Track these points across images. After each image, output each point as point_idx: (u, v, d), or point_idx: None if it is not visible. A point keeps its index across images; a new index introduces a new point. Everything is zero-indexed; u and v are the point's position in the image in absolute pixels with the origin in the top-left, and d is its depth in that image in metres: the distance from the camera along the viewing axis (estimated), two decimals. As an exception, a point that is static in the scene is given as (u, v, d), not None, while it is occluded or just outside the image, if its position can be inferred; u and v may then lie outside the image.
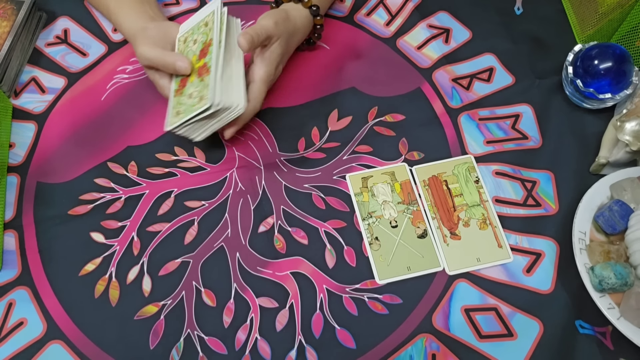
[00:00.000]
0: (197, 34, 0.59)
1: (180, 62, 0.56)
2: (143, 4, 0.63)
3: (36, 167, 0.61)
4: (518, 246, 0.57)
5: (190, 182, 0.60)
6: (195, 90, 0.55)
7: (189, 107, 0.54)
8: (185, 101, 0.55)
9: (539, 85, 0.67)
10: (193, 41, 0.59)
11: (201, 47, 0.57)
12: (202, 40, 0.58)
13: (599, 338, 0.52)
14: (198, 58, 0.57)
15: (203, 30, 0.58)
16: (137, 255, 0.56)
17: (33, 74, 0.68)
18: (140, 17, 0.62)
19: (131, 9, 0.63)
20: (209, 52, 0.56)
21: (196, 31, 0.59)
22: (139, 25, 0.60)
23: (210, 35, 0.57)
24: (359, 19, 0.73)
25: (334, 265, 0.56)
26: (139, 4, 0.63)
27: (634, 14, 0.61)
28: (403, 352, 0.52)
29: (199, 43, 0.58)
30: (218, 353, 0.52)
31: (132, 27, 0.61)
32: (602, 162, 0.59)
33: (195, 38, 0.59)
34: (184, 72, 0.56)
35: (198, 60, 0.57)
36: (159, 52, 0.57)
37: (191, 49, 0.58)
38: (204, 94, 0.53)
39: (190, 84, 0.56)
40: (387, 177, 0.61)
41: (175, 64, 0.56)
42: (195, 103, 0.54)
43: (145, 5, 0.64)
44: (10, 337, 0.52)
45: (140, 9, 0.63)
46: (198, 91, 0.54)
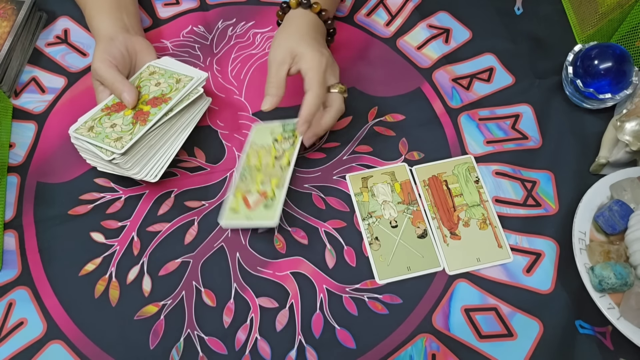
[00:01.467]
0: (165, 79, 0.58)
1: (127, 94, 0.55)
2: (120, 12, 0.62)
3: (36, 167, 0.61)
4: (518, 246, 0.57)
5: (190, 182, 0.60)
6: (121, 127, 0.54)
7: (103, 134, 0.54)
8: (105, 125, 0.55)
9: (539, 85, 0.67)
10: (157, 82, 0.58)
11: (157, 95, 0.56)
12: (162, 90, 0.57)
13: (599, 338, 0.52)
14: (147, 102, 0.56)
15: (172, 83, 0.57)
16: (137, 255, 0.56)
17: (33, 74, 0.68)
18: (114, 24, 0.60)
19: (106, 13, 0.61)
20: (159, 108, 0.55)
21: (166, 78, 0.58)
22: (107, 33, 0.59)
23: (172, 95, 0.56)
24: (359, 19, 0.73)
25: (334, 265, 0.56)
26: (116, 10, 0.62)
27: (634, 14, 0.61)
28: (403, 352, 0.52)
29: (159, 90, 0.57)
30: (218, 353, 0.52)
31: (101, 32, 0.60)
32: (602, 162, 0.59)
33: (160, 81, 0.58)
34: (127, 105, 0.55)
35: (145, 103, 0.56)
36: (111, 75, 0.56)
37: (149, 86, 0.58)
38: (124, 139, 0.52)
39: (123, 116, 0.55)
40: (387, 177, 0.61)
41: (122, 94, 0.55)
42: (110, 137, 0.53)
43: (123, 14, 0.62)
44: (10, 337, 0.52)
45: (116, 16, 0.61)
46: (122, 130, 0.53)
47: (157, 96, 0.56)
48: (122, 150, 0.52)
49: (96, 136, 0.54)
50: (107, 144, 0.53)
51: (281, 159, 0.57)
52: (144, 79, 0.59)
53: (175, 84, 0.57)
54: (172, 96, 0.56)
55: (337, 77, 0.59)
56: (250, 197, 0.55)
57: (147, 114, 0.54)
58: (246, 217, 0.54)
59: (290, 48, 0.56)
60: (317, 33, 0.60)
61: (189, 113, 0.58)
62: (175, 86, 0.57)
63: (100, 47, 0.58)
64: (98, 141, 0.53)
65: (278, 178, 0.56)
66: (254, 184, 0.56)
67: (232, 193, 0.57)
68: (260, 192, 0.55)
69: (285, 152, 0.57)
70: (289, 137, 0.58)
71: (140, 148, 0.54)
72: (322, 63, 0.56)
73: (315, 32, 0.60)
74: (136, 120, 0.54)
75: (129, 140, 0.52)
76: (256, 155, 0.59)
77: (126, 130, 0.53)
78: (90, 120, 0.56)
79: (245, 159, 0.59)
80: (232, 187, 0.57)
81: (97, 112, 0.57)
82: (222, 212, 0.56)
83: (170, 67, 0.60)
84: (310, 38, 0.58)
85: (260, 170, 0.57)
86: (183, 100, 0.56)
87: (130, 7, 0.64)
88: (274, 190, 0.55)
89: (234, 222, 0.55)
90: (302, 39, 0.57)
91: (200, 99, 0.59)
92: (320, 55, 0.56)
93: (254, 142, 0.60)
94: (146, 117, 0.54)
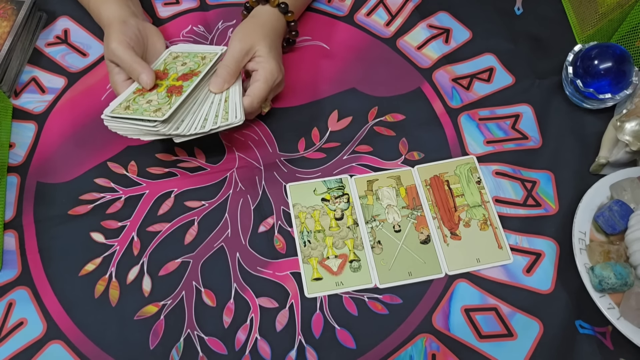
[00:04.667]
0: (190, 59, 0.59)
1: (144, 76, 0.55)
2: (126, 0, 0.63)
3: (36, 167, 0.61)
4: (518, 246, 0.57)
5: (190, 182, 0.60)
6: (157, 101, 0.54)
7: (140, 109, 0.54)
8: (140, 102, 0.55)
9: (539, 85, 0.67)
10: (182, 63, 0.59)
11: (186, 72, 0.57)
12: (191, 67, 0.58)
13: (599, 338, 0.52)
14: (177, 78, 0.57)
15: (198, 61, 0.58)
16: (137, 255, 0.56)
17: (33, 74, 0.68)
18: (122, 8, 0.61)
19: (113, 0, 0.61)
20: (191, 80, 0.56)
21: (191, 57, 0.59)
22: (119, 16, 0.59)
23: (201, 69, 0.57)
24: (359, 19, 0.73)
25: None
26: None
27: (634, 14, 0.61)
28: (403, 352, 0.52)
29: (187, 67, 0.58)
30: (218, 353, 0.52)
31: (111, 16, 0.60)
32: (602, 162, 0.59)
33: (185, 61, 0.59)
34: (144, 86, 0.56)
35: (176, 80, 0.56)
36: (130, 56, 0.56)
37: (176, 67, 0.58)
38: (163, 109, 0.53)
39: (156, 93, 0.56)
40: (393, 181, 0.60)
41: (140, 75, 0.55)
42: (150, 110, 0.53)
43: (129, 1, 0.63)
44: (10, 337, 0.52)
45: (124, 2, 0.62)
46: (159, 103, 0.54)
47: (186, 73, 0.57)
48: (164, 117, 0.52)
49: (134, 112, 0.54)
50: (147, 116, 0.53)
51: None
52: (169, 63, 0.60)
53: (201, 60, 0.58)
54: (202, 70, 0.57)
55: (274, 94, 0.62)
56: (330, 262, 0.56)
57: (181, 87, 0.55)
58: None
59: (253, 44, 0.58)
60: (276, 35, 0.62)
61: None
62: (202, 62, 0.58)
63: (116, 29, 0.58)
64: (139, 115, 0.53)
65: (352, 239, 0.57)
66: (327, 249, 0.56)
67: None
68: (338, 256, 0.56)
69: (344, 211, 0.58)
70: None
71: (180, 113, 0.54)
72: (274, 76, 0.58)
73: (274, 34, 0.61)
74: (171, 93, 0.55)
75: (168, 109, 0.53)
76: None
77: (163, 102, 0.54)
78: (124, 102, 0.56)
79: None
80: (301, 255, 0.56)
81: (129, 94, 0.57)
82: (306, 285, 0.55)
83: (191, 49, 0.61)
84: (272, 41, 0.60)
85: (324, 232, 0.57)
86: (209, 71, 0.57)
87: None
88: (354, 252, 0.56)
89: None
90: (264, 39, 0.59)
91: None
92: (274, 68, 0.58)
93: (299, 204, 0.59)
94: (180, 89, 0.55)
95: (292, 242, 0.57)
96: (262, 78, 0.57)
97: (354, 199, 0.59)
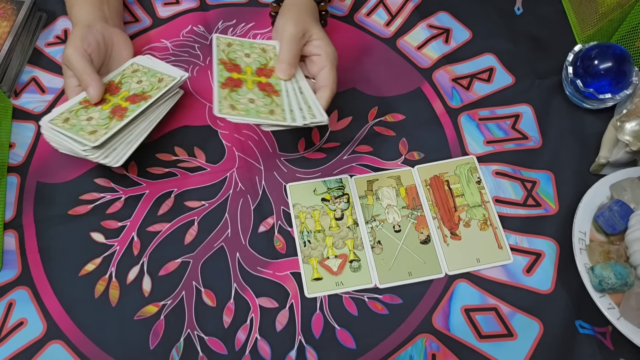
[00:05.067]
0: (147, 78, 0.57)
1: (91, 89, 0.54)
2: (102, 3, 0.61)
3: (36, 167, 0.61)
4: (518, 246, 0.57)
5: (190, 182, 0.60)
6: (97, 120, 0.53)
7: (78, 126, 0.53)
8: (81, 117, 0.54)
9: (539, 85, 0.67)
10: (138, 80, 0.57)
11: (138, 92, 0.56)
12: (144, 88, 0.56)
13: (599, 338, 0.52)
14: (126, 98, 0.55)
15: (153, 82, 0.57)
16: (137, 255, 0.56)
17: (33, 74, 0.68)
18: (93, 12, 0.60)
19: (87, 1, 0.60)
20: (137, 105, 0.54)
21: (149, 76, 0.58)
22: (85, 20, 0.58)
23: (152, 93, 0.55)
24: (359, 19, 0.73)
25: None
26: (97, 0, 0.61)
27: (634, 14, 0.61)
28: (403, 352, 0.52)
29: (140, 87, 0.56)
30: (218, 353, 0.52)
31: (79, 18, 0.59)
32: (602, 162, 0.59)
33: (142, 79, 0.57)
34: (90, 99, 0.54)
35: (124, 99, 0.55)
36: (81, 65, 0.54)
37: (130, 84, 0.57)
38: (99, 132, 0.51)
39: (100, 110, 0.54)
40: (393, 181, 0.60)
41: (88, 87, 0.54)
42: (86, 130, 0.52)
43: (104, 5, 0.62)
44: (10, 337, 0.52)
45: (97, 6, 0.61)
46: (97, 124, 0.53)
47: (137, 93, 0.56)
48: (96, 143, 0.50)
49: (71, 128, 0.53)
50: (81, 136, 0.51)
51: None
52: (127, 76, 0.58)
53: (157, 82, 0.57)
54: (153, 94, 0.55)
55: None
56: (330, 262, 0.55)
57: (125, 109, 0.54)
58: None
59: (307, 28, 0.55)
60: (316, 18, 0.59)
61: (163, 106, 0.58)
62: (157, 85, 0.56)
63: (77, 33, 0.56)
64: (73, 133, 0.52)
65: (352, 239, 0.56)
66: (327, 249, 0.56)
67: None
68: (338, 256, 0.56)
69: (344, 211, 0.58)
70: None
71: (114, 142, 0.53)
72: (336, 58, 0.55)
73: (315, 17, 0.59)
74: (113, 115, 0.53)
75: (103, 134, 0.51)
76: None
77: (102, 124, 0.52)
78: (66, 112, 0.55)
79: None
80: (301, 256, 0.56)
81: (75, 104, 0.56)
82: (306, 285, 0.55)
83: (154, 66, 0.59)
84: (318, 23, 0.57)
85: (324, 232, 0.57)
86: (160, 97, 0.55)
87: (112, 1, 0.64)
88: (354, 252, 0.56)
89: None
90: (315, 23, 0.56)
91: (171, 92, 0.58)
92: (334, 50, 0.55)
93: (299, 204, 0.59)
94: (124, 112, 0.53)
95: (292, 242, 0.57)
96: (329, 63, 0.54)
97: (354, 199, 0.59)
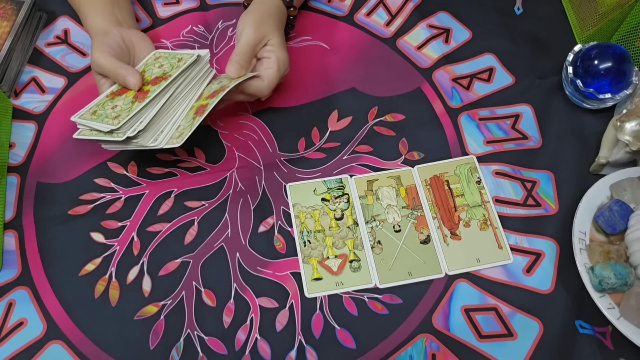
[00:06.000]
0: (168, 61, 0.58)
1: (131, 77, 0.54)
2: (113, 6, 0.62)
3: (36, 167, 0.61)
4: (518, 246, 0.57)
5: (190, 182, 0.60)
6: (120, 107, 0.54)
7: (102, 116, 0.53)
8: (107, 108, 0.54)
9: (539, 85, 0.67)
10: (160, 65, 0.58)
11: (158, 75, 0.56)
12: (165, 70, 0.56)
13: (599, 338, 0.52)
14: (148, 82, 0.56)
15: (174, 63, 0.57)
16: (137, 255, 0.56)
17: (33, 74, 0.68)
18: (106, 18, 0.60)
19: (99, 9, 0.61)
20: (158, 85, 0.54)
21: (169, 59, 0.58)
22: (101, 28, 0.59)
23: (172, 72, 0.55)
24: (359, 19, 0.73)
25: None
26: (109, 5, 0.62)
27: (634, 14, 0.61)
28: (403, 352, 0.52)
29: (161, 70, 0.57)
30: (218, 353, 0.52)
31: (95, 27, 0.60)
32: (602, 162, 0.59)
33: (163, 63, 0.58)
34: (132, 88, 0.55)
35: (146, 84, 0.56)
36: (112, 62, 0.56)
37: (152, 69, 0.57)
38: (121, 116, 0.52)
39: (124, 97, 0.55)
40: (393, 181, 0.60)
41: (127, 77, 0.55)
42: (109, 117, 0.53)
43: (115, 8, 0.62)
44: (10, 337, 0.52)
45: (109, 11, 0.61)
46: (120, 109, 0.53)
47: (158, 75, 0.56)
48: (117, 125, 0.51)
49: (97, 118, 0.54)
50: (102, 124, 0.52)
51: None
52: (149, 64, 0.59)
53: (177, 62, 0.57)
54: (172, 73, 0.55)
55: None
56: (330, 262, 0.55)
57: (147, 92, 0.54)
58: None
59: (267, 34, 0.59)
60: (283, 27, 0.64)
61: (190, 83, 0.57)
62: (177, 64, 0.57)
63: (97, 40, 0.57)
64: (97, 123, 0.53)
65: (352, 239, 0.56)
66: (327, 248, 0.56)
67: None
68: (338, 256, 0.56)
69: (344, 211, 0.58)
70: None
71: (158, 125, 0.54)
72: (285, 65, 0.60)
73: (282, 26, 0.63)
74: (135, 99, 0.54)
75: (125, 117, 0.52)
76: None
77: (125, 108, 0.53)
78: (94, 106, 0.56)
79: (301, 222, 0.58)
80: (300, 255, 0.56)
81: (102, 97, 0.57)
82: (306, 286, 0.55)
83: (175, 50, 0.60)
84: (281, 32, 0.62)
85: (324, 232, 0.57)
86: (185, 73, 0.56)
87: (122, 3, 0.64)
88: (354, 252, 0.56)
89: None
90: (277, 29, 0.61)
91: (201, 70, 0.58)
92: (286, 56, 0.60)
93: (299, 204, 0.58)
94: (145, 95, 0.54)
95: (292, 242, 0.57)
96: (275, 66, 0.59)
97: (354, 199, 0.59)
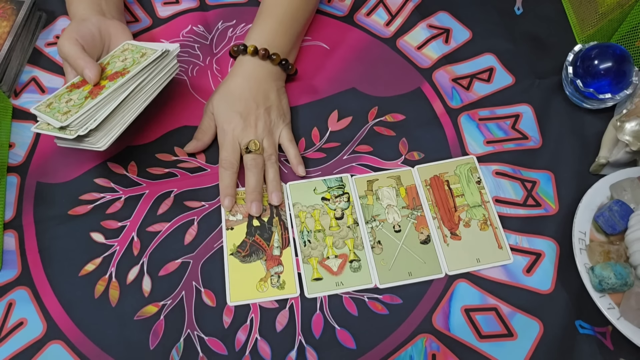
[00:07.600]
0: (132, 55, 0.56)
1: (88, 70, 0.53)
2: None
3: (36, 167, 0.61)
4: (518, 246, 0.57)
5: (190, 183, 0.60)
6: (74, 101, 0.52)
7: (55, 110, 0.52)
8: (62, 101, 0.53)
9: (539, 85, 0.67)
10: (124, 58, 0.56)
11: (118, 69, 0.54)
12: (125, 65, 0.55)
13: (599, 338, 0.52)
14: (107, 77, 0.54)
15: (137, 58, 0.55)
16: (137, 255, 0.56)
17: (33, 74, 0.68)
18: (89, 7, 0.60)
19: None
20: (114, 81, 0.53)
21: (134, 53, 0.56)
22: (80, 15, 0.59)
23: (132, 68, 0.53)
24: (359, 18, 0.73)
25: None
26: None
27: (634, 14, 0.61)
28: (403, 352, 0.52)
29: (122, 64, 0.55)
30: (218, 353, 0.52)
31: (74, 14, 0.60)
32: (602, 162, 0.59)
33: (127, 57, 0.56)
34: (88, 81, 0.54)
35: (105, 78, 0.54)
36: (75, 51, 0.54)
37: (115, 63, 0.56)
38: (71, 112, 0.51)
39: (80, 91, 0.54)
40: (393, 181, 0.60)
41: (84, 70, 0.54)
42: (60, 111, 0.51)
43: (102, 0, 0.62)
44: (10, 337, 0.52)
45: (94, 1, 0.61)
46: (73, 104, 0.52)
47: (117, 70, 0.54)
48: (64, 123, 0.50)
49: (50, 111, 0.52)
50: (53, 119, 0.51)
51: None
52: (115, 57, 0.57)
53: (139, 58, 0.55)
54: (131, 70, 0.54)
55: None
56: (330, 262, 0.55)
57: (102, 87, 0.53)
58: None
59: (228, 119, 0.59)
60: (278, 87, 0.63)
61: (153, 80, 0.56)
62: (139, 60, 0.55)
63: (70, 26, 0.57)
64: (49, 116, 0.52)
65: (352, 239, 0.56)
66: (327, 248, 0.56)
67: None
68: (338, 256, 0.56)
69: (344, 211, 0.58)
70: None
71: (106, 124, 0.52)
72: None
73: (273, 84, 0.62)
74: (89, 94, 0.52)
75: (74, 113, 0.50)
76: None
77: (77, 104, 0.52)
78: (52, 97, 0.55)
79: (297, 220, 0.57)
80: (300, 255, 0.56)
81: (62, 89, 0.55)
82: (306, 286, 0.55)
83: (145, 44, 0.57)
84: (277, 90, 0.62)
85: (324, 231, 0.57)
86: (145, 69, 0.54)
87: None
88: (354, 252, 0.56)
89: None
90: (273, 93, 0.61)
91: (166, 67, 0.56)
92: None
93: (299, 203, 0.58)
94: (100, 90, 0.52)
95: (292, 242, 0.57)
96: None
97: (354, 199, 0.59)
